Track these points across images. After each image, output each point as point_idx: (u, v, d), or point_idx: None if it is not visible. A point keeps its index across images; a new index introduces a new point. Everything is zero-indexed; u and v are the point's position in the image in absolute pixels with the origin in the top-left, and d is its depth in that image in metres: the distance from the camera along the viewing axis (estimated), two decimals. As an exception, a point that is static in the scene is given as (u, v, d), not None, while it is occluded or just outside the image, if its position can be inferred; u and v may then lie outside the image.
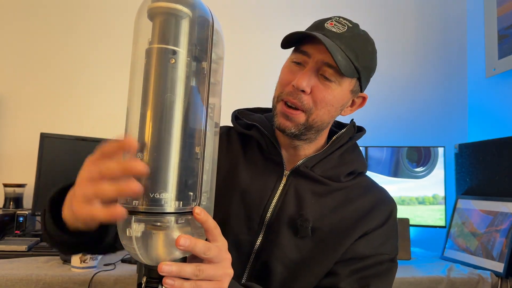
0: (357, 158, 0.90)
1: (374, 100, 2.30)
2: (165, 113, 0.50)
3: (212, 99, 0.56)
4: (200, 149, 0.53)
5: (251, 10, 2.25)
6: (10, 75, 2.10)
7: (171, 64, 0.50)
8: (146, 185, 0.48)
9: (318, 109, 0.80)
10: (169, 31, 0.51)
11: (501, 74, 2.03)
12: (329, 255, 0.80)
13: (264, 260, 0.80)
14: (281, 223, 0.81)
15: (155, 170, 0.49)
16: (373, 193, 0.87)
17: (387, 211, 0.85)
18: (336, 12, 2.34)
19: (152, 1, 0.52)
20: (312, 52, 0.79)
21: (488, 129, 2.15)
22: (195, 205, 0.52)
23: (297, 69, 0.81)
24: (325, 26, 0.80)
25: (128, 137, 0.48)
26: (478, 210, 1.77)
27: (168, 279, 0.52)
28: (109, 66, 2.12)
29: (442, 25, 2.36)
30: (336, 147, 0.88)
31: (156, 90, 0.50)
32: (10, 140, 2.06)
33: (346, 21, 0.83)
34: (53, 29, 2.14)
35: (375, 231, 0.83)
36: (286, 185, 0.84)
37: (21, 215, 1.74)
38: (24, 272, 1.31)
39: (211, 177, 0.58)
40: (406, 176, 1.96)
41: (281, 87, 0.82)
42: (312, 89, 0.79)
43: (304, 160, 0.85)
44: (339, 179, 0.86)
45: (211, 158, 0.57)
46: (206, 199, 0.56)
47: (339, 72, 0.78)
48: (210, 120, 0.56)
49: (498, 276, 1.54)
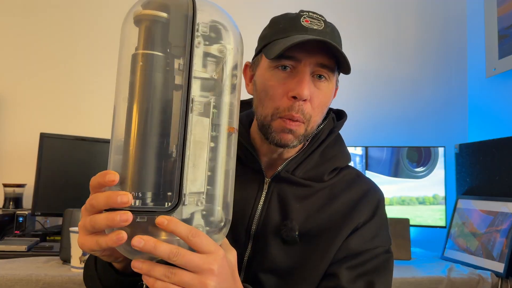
0: (339, 152, 0.86)
1: (374, 100, 2.31)
2: (138, 112, 0.51)
3: (207, 95, 0.54)
4: (177, 148, 0.51)
5: (253, 8, 2.25)
6: (10, 75, 2.10)
7: (140, 65, 0.52)
8: (127, 185, 0.51)
9: (316, 114, 0.77)
10: (144, 37, 0.53)
11: (501, 74, 2.03)
12: (322, 258, 0.76)
13: (255, 272, 0.77)
14: (268, 233, 0.77)
15: (129, 170, 0.51)
16: (358, 186, 0.83)
17: (374, 202, 0.82)
18: (336, 11, 2.34)
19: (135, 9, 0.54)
20: (301, 57, 0.73)
21: (488, 129, 2.15)
22: (171, 204, 0.50)
23: (285, 75, 0.74)
24: (303, 25, 0.75)
25: (109, 173, 0.50)
26: (478, 210, 1.77)
27: (144, 276, 0.51)
28: (109, 66, 2.11)
29: (442, 25, 2.35)
30: (317, 144, 0.83)
31: (130, 91, 0.52)
32: (10, 140, 2.06)
33: (317, 15, 0.77)
34: (53, 29, 2.14)
35: (365, 225, 0.79)
36: (268, 193, 0.80)
37: (21, 215, 1.74)
38: (23, 272, 1.31)
39: (220, 179, 0.55)
40: (406, 176, 1.96)
41: (276, 102, 0.75)
42: (310, 95, 0.74)
43: (284, 164, 0.80)
44: (322, 178, 0.82)
45: (205, 158, 0.54)
46: (209, 201, 0.54)
47: (333, 70, 0.75)
48: (202, 117, 0.54)
49: (498, 276, 1.54)
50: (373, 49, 2.31)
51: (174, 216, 0.51)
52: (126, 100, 0.53)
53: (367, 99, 2.27)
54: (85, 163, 1.85)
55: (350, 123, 1.00)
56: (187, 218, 0.52)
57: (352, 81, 2.21)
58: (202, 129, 0.53)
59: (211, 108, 0.54)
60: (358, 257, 0.77)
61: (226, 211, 0.56)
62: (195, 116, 0.53)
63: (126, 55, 0.54)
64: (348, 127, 0.96)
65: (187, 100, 0.51)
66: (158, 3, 0.53)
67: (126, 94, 0.53)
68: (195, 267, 0.51)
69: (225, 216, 0.56)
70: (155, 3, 0.53)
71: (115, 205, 0.49)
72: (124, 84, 0.54)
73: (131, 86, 0.52)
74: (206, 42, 0.54)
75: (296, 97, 0.73)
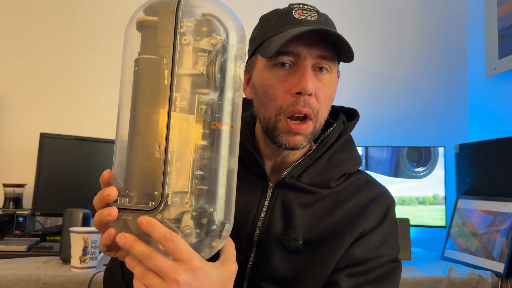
0: (348, 157, 0.81)
1: (374, 100, 2.30)
2: (131, 114, 0.53)
3: (198, 91, 0.53)
4: (160, 147, 0.50)
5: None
6: (10, 75, 2.10)
7: (135, 70, 0.53)
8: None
9: (323, 109, 0.73)
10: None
11: (501, 74, 2.03)
12: (325, 267, 0.72)
13: (258, 281, 0.74)
14: (271, 241, 0.74)
15: (122, 170, 0.53)
16: (366, 191, 0.78)
17: (383, 209, 0.77)
18: (336, 12, 2.34)
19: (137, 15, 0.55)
20: (301, 50, 0.70)
21: (488, 129, 2.14)
22: (154, 203, 0.50)
23: (285, 73, 0.71)
24: (297, 17, 0.72)
25: (106, 189, 0.53)
26: (479, 210, 1.77)
27: (127, 257, 0.53)
28: (110, 66, 2.11)
29: (442, 25, 2.35)
30: (324, 149, 0.78)
31: (120, 94, 0.56)
32: (10, 140, 2.06)
33: (308, 6, 0.74)
34: (53, 29, 2.14)
35: (371, 232, 0.74)
36: (272, 200, 0.76)
37: (21, 215, 1.73)
38: (23, 272, 1.31)
39: (213, 178, 0.52)
40: (406, 176, 1.96)
41: (278, 101, 0.71)
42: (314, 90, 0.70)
43: (289, 170, 0.76)
44: (329, 185, 0.77)
45: (191, 156, 0.52)
46: (200, 201, 0.51)
47: (333, 60, 0.72)
48: (188, 114, 0.52)
49: (498, 276, 1.54)
50: (373, 49, 2.31)
51: (162, 216, 0.50)
52: (124, 104, 0.55)
53: (367, 99, 2.27)
54: (85, 163, 1.85)
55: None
56: (176, 218, 0.50)
57: (352, 81, 2.21)
58: (187, 127, 0.51)
59: (198, 105, 0.52)
60: (361, 266, 0.72)
61: (223, 214, 0.53)
62: (180, 114, 0.51)
63: (128, 59, 0.55)
64: (348, 127, 0.95)
65: (170, 99, 0.50)
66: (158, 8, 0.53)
67: (123, 97, 0.55)
68: (162, 273, 0.50)
69: (222, 219, 0.53)
70: (155, 9, 0.53)
71: (104, 199, 0.52)
72: (123, 87, 0.55)
73: (121, 89, 0.55)
74: (197, 37, 0.52)
75: (300, 93, 0.69)
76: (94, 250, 1.37)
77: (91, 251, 1.36)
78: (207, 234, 0.52)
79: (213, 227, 0.52)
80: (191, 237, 0.51)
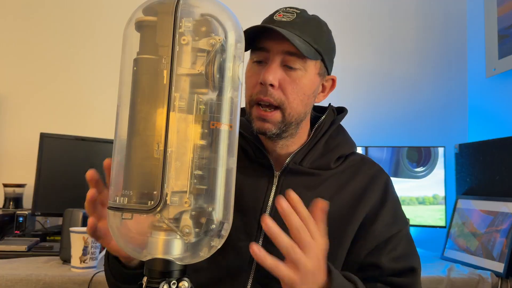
0: (342, 141, 0.90)
1: (374, 100, 2.31)
2: (130, 115, 0.53)
3: (197, 91, 0.53)
4: (159, 146, 0.50)
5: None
6: (10, 75, 2.10)
7: (134, 70, 0.54)
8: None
9: (291, 101, 0.80)
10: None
11: (501, 74, 2.03)
12: (339, 245, 0.80)
13: None
14: (279, 224, 0.76)
15: (121, 170, 0.54)
16: (363, 172, 0.88)
17: (381, 186, 0.87)
18: (336, 12, 2.34)
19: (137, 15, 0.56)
20: (270, 46, 0.79)
21: (488, 129, 2.14)
22: (153, 203, 0.50)
23: (260, 68, 0.81)
24: (274, 18, 0.80)
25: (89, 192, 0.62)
26: (478, 210, 1.77)
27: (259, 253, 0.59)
28: (110, 66, 2.11)
29: (442, 25, 2.35)
30: (320, 135, 0.88)
31: (119, 93, 0.56)
32: (10, 140, 2.06)
33: (293, 9, 0.82)
34: (53, 29, 2.14)
35: (382, 209, 0.84)
36: (278, 186, 0.84)
37: (21, 215, 1.74)
38: (24, 272, 1.31)
39: (212, 178, 0.53)
40: (406, 176, 1.96)
41: (250, 90, 0.82)
42: (280, 83, 0.78)
43: (291, 157, 0.85)
44: (329, 166, 0.86)
45: (190, 156, 0.52)
46: (199, 201, 0.51)
47: (302, 57, 0.78)
48: (186, 114, 0.52)
49: (498, 276, 1.54)
50: (373, 49, 2.31)
51: (161, 215, 0.50)
52: (123, 104, 0.55)
53: (367, 99, 2.27)
54: (85, 163, 1.84)
55: (350, 123, 1.00)
56: (175, 218, 0.50)
57: (352, 81, 2.21)
58: (186, 127, 0.52)
59: (197, 105, 0.52)
60: (388, 244, 0.83)
61: (222, 213, 0.53)
62: (179, 114, 0.51)
63: (127, 59, 0.55)
64: (348, 127, 0.96)
65: (169, 99, 0.50)
66: (157, 8, 0.53)
67: (122, 97, 0.55)
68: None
69: (221, 219, 0.53)
70: (154, 9, 0.54)
71: (89, 198, 0.64)
72: (122, 87, 0.56)
73: (120, 89, 0.56)
74: (196, 37, 0.53)
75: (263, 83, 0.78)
76: (94, 250, 1.37)
77: (91, 251, 1.36)
78: (206, 233, 0.52)
79: (212, 227, 0.52)
80: (190, 236, 0.51)
